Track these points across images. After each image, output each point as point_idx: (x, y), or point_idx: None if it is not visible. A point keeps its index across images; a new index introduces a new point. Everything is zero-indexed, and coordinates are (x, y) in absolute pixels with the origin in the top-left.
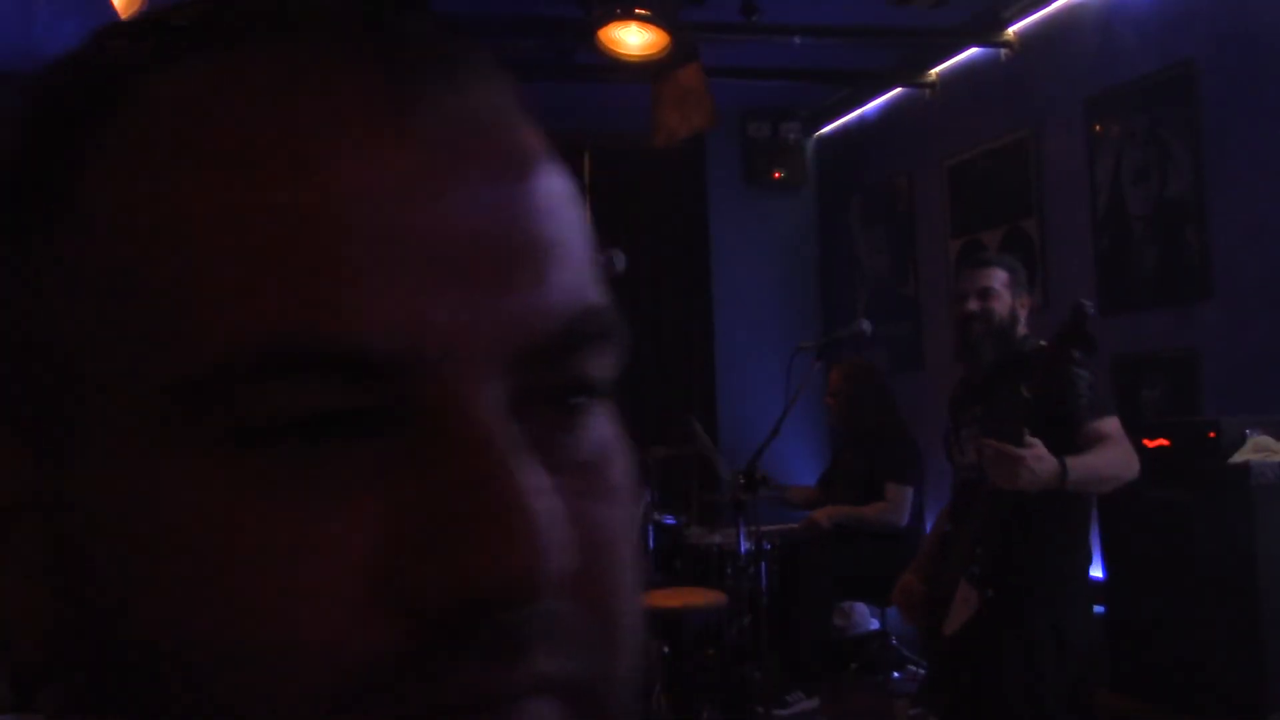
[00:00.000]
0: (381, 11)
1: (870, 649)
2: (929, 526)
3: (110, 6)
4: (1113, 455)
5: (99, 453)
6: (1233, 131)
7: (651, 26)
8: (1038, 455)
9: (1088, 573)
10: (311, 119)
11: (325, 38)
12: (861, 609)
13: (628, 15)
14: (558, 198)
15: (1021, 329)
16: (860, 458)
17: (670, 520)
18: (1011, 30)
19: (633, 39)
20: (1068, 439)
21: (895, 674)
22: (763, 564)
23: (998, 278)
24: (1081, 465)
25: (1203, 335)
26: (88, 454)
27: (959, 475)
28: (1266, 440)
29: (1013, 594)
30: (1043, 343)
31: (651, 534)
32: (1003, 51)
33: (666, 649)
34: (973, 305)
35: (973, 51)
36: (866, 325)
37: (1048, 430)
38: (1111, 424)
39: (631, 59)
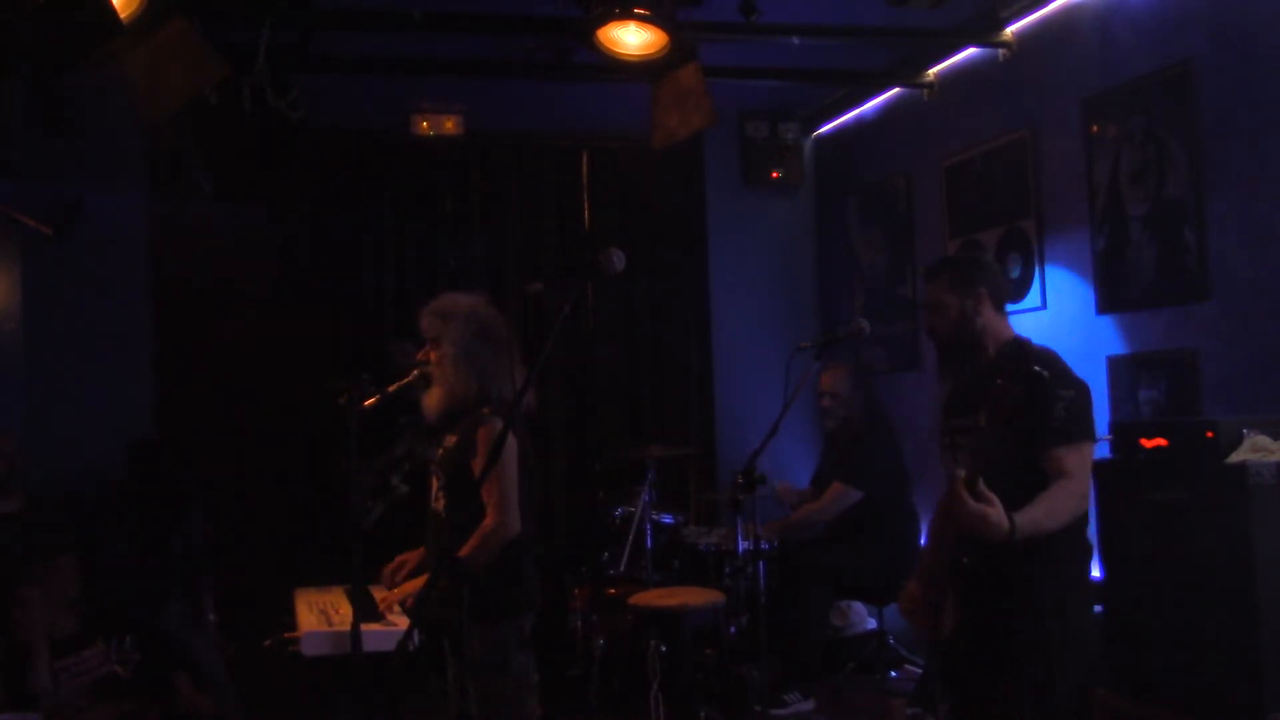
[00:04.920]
0: None
1: (868, 648)
2: (925, 526)
3: None
4: (1060, 503)
5: None
6: (1230, 132)
7: (650, 26)
8: (995, 518)
9: (1088, 565)
10: None
11: None
12: (859, 609)
13: (626, 15)
14: None
15: (982, 322)
16: (835, 457)
17: (668, 519)
18: (1009, 31)
19: (631, 39)
20: (1031, 458)
21: (893, 673)
22: (760, 564)
23: (938, 287)
24: (1029, 523)
25: (1200, 335)
26: None
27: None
28: (1263, 440)
29: (1009, 588)
30: (1019, 338)
31: (649, 533)
32: (1000, 52)
33: (664, 648)
34: (925, 322)
35: (970, 52)
36: (865, 324)
37: (1014, 443)
38: (1074, 456)
39: (630, 59)
